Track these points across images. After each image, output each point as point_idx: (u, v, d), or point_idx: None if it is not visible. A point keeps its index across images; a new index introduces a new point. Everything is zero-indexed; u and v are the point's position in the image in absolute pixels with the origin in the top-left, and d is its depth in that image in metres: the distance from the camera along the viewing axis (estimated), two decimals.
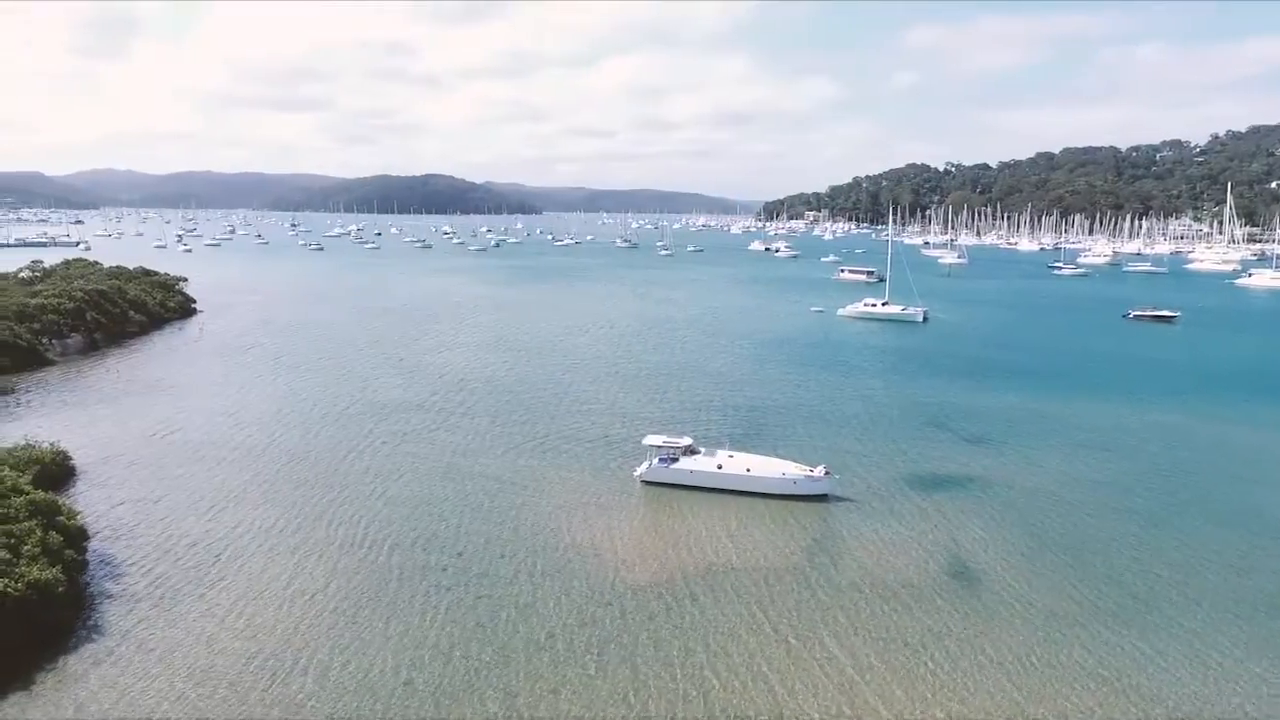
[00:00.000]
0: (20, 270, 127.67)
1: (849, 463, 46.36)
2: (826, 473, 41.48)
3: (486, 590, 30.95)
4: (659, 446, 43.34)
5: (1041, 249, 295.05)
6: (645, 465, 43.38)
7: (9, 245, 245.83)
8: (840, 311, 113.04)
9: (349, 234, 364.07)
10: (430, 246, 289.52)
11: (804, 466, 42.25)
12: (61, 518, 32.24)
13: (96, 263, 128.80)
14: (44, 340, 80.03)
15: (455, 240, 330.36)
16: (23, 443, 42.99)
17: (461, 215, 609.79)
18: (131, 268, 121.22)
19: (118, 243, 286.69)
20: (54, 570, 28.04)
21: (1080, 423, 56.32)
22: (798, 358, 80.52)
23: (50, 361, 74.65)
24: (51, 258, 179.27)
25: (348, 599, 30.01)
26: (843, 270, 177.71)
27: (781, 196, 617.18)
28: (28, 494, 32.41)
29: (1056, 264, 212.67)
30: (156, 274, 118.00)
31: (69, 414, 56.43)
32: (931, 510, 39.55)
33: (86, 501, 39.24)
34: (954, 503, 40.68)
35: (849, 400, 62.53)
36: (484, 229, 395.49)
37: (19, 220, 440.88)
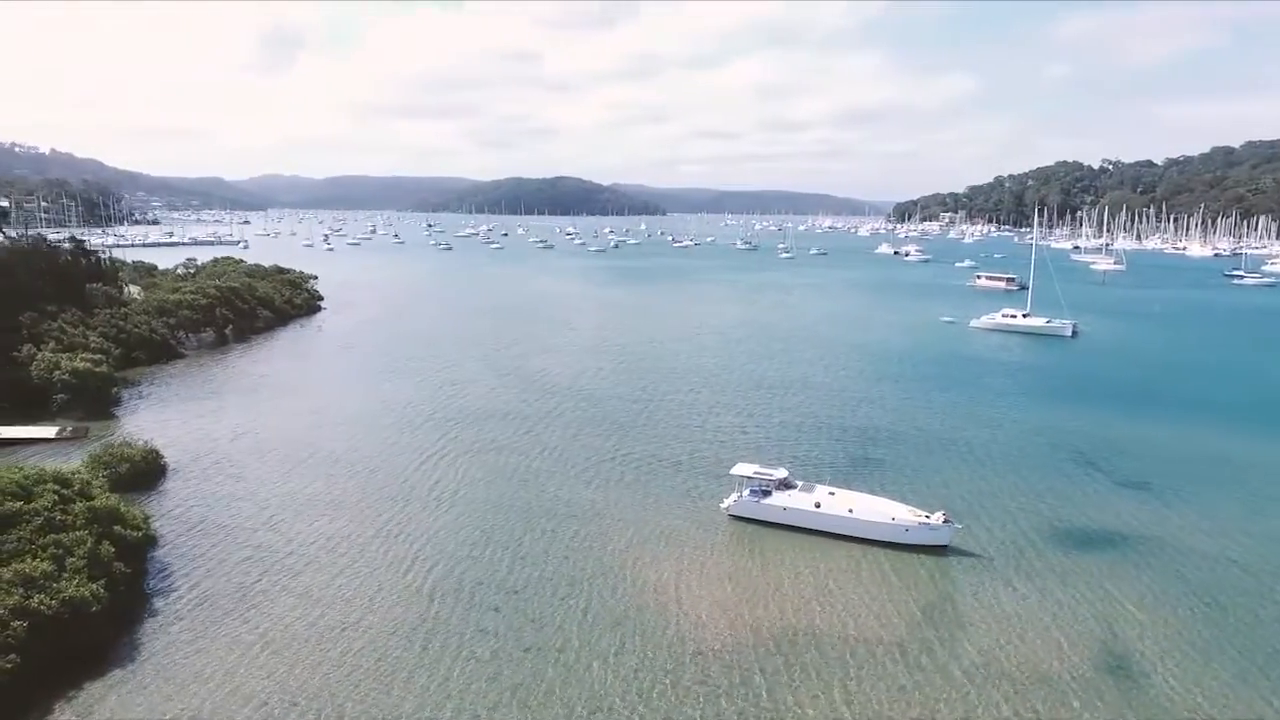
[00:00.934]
0: (177, 267, 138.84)
1: (974, 507, 39.80)
2: (946, 520, 35.38)
3: (534, 639, 27.50)
4: (750, 477, 38.65)
5: (1216, 254, 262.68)
6: (733, 497, 38.81)
7: (183, 243, 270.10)
8: (974, 322, 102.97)
9: (478, 234, 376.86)
10: (551, 247, 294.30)
11: (918, 511, 36.28)
12: (120, 527, 31.51)
13: (241, 261, 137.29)
14: (179, 335, 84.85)
15: (576, 241, 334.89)
16: (119, 440, 43.83)
17: (588, 216, 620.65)
18: (267, 265, 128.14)
19: (273, 241, 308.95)
20: (94, 586, 26.99)
21: (1273, 470, 46.58)
22: (921, 375, 72.85)
23: (181, 355, 78.59)
24: (215, 255, 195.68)
25: (380, 638, 27.37)
26: (979, 276, 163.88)
27: (914, 197, 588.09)
28: (92, 500, 31.98)
29: (1236, 271, 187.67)
30: (289, 272, 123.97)
31: (178, 408, 58.22)
32: (1076, 575, 32.66)
33: (161, 505, 39.15)
34: (1105, 567, 33.53)
35: (978, 428, 55.04)
36: (606, 230, 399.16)
37: (198, 220, 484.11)
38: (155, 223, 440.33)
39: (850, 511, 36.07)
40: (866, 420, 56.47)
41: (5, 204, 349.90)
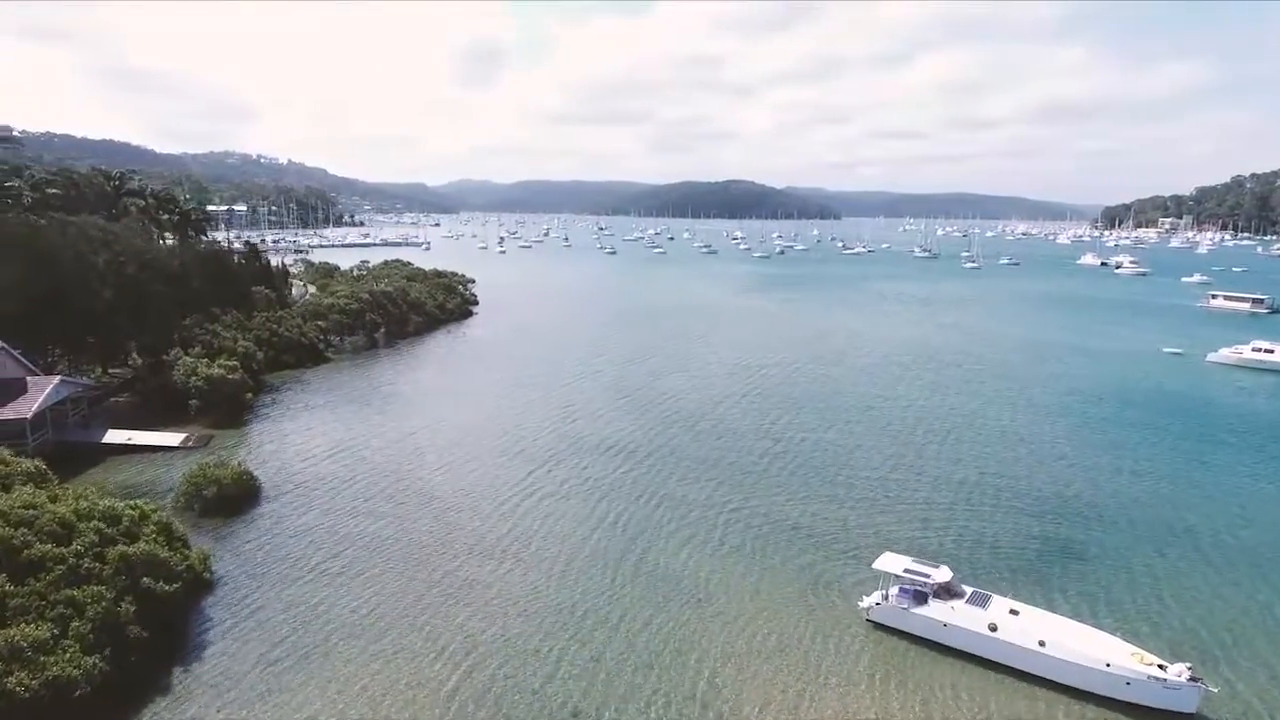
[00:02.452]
0: (353, 268, 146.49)
1: (1231, 645, 28.31)
2: (1192, 678, 24.62)
3: None
4: (900, 575, 29.65)
5: None
6: (876, 598, 30.00)
7: (375, 244, 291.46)
8: (1210, 356, 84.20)
9: (644, 238, 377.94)
10: (715, 252, 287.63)
11: (1147, 655, 25.69)
12: (152, 579, 28.16)
13: (409, 263, 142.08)
14: (329, 338, 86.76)
15: (742, 246, 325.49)
16: (215, 460, 42.12)
17: (758, 220, 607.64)
18: (429, 269, 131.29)
19: (454, 243, 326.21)
20: (92, 660, 23.47)
21: None
22: (1138, 424, 58.51)
23: (326, 359, 79.73)
24: (401, 255, 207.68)
25: None
26: (1215, 296, 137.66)
27: (1127, 200, 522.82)
28: (134, 543, 29.05)
29: None
30: (446, 275, 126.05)
31: (296, 418, 57.30)
32: None
33: (234, 539, 36.45)
34: None
35: (1225, 511, 41.70)
36: (774, 235, 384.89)
37: (396, 223, 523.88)
38: (360, 224, 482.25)
39: (1042, 645, 26.19)
40: (1061, 487, 44.65)
41: (243, 208, 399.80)
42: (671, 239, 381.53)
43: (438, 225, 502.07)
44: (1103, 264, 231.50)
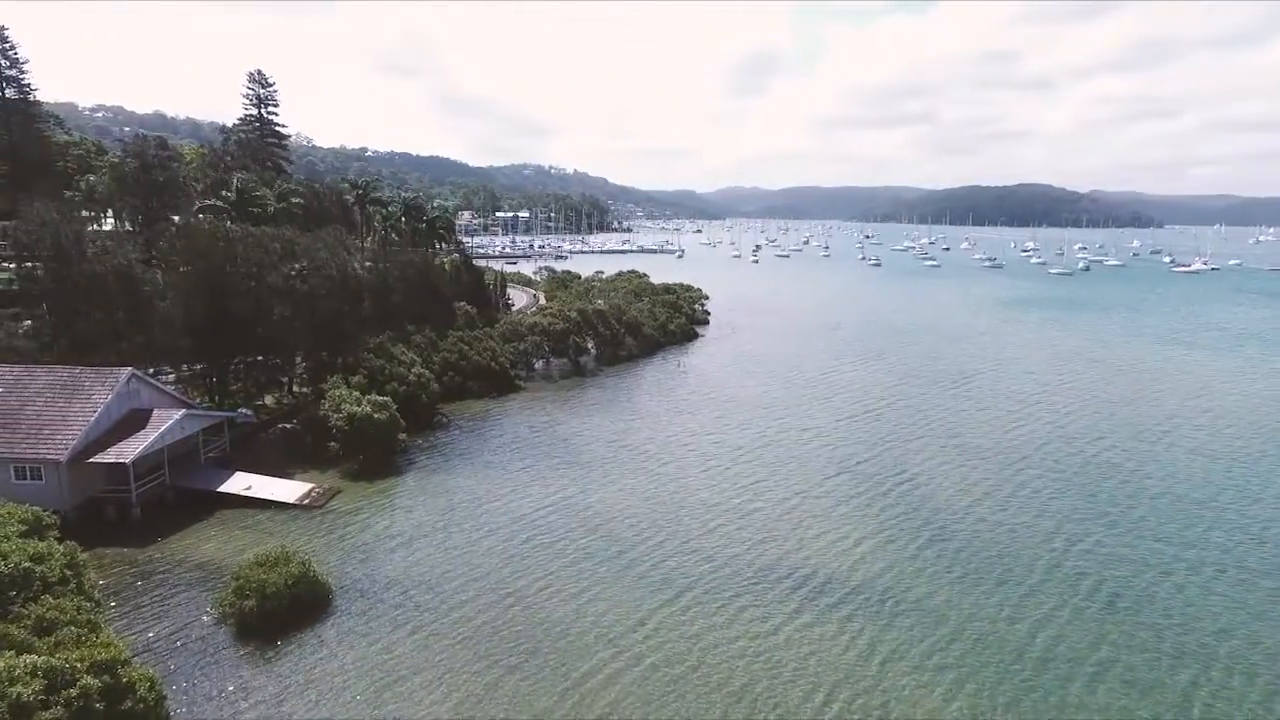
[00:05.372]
0: (588, 277, 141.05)
1: None
2: None
3: None
4: None
5: None
6: None
7: (631, 251, 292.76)
8: None
9: (914, 248, 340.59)
10: (1001, 266, 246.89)
11: None
12: None
13: (643, 275, 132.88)
14: (530, 359, 78.03)
15: (1034, 259, 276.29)
16: (274, 553, 31.99)
17: (1054, 229, 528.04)
18: (657, 283, 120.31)
19: (710, 250, 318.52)
20: None
21: None
22: None
23: (516, 389, 70.55)
24: (653, 263, 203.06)
25: None
26: None
27: None
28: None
29: None
30: (675, 291, 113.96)
31: (435, 476, 47.02)
32: None
33: (262, 683, 25.23)
34: None
35: None
36: (1075, 246, 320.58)
37: (661, 229, 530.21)
38: (627, 230, 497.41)
39: None
40: None
41: (525, 214, 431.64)
42: (947, 249, 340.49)
43: (699, 232, 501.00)
44: None
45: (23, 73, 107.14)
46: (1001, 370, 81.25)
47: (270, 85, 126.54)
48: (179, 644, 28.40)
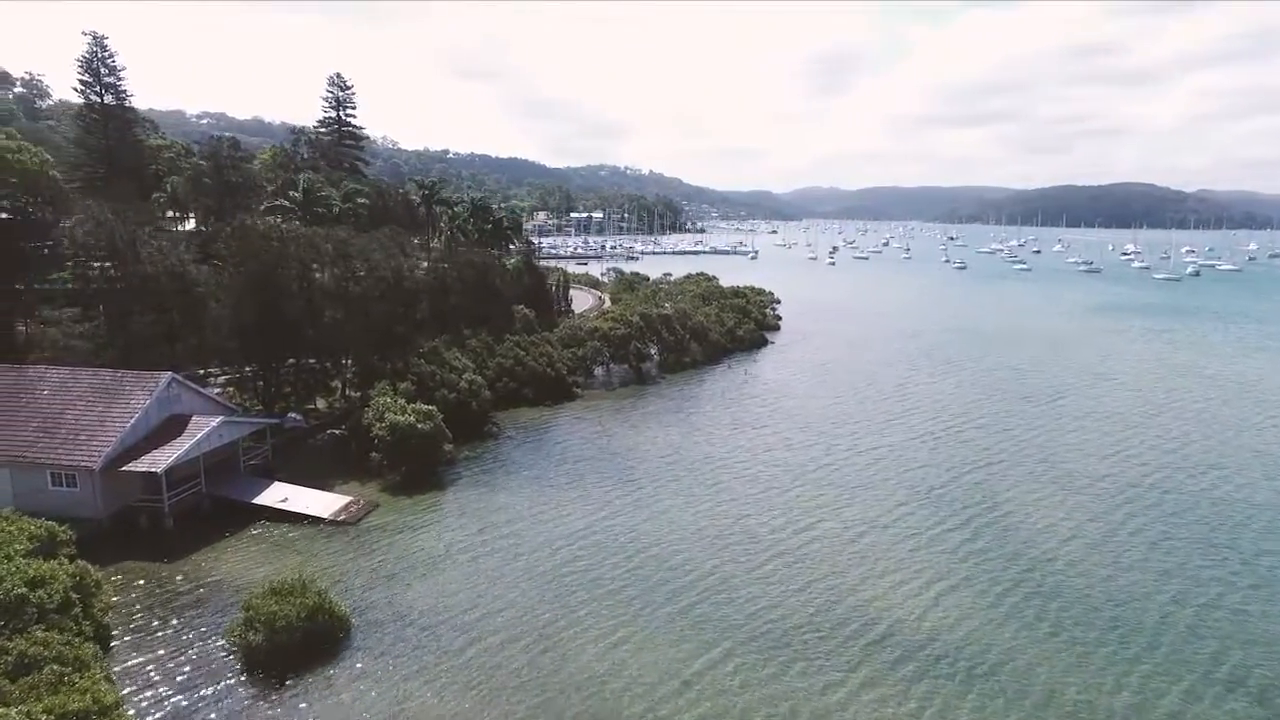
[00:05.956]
0: (655, 280, 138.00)
1: None
2: None
3: None
4: None
5: None
6: None
7: (704, 252, 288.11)
8: None
9: (1003, 250, 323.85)
10: (1098, 271, 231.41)
11: None
12: None
13: (713, 278, 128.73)
14: (589, 365, 75.47)
15: (1136, 263, 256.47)
16: (291, 577, 30.08)
17: (1155, 230, 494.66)
18: (727, 286, 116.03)
19: (785, 252, 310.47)
20: None
21: None
22: None
23: (572, 396, 68.05)
24: (727, 264, 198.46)
25: None
26: None
27: None
28: None
29: None
30: (745, 295, 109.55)
31: (486, 491, 44.77)
32: None
33: None
34: None
35: None
36: (1183, 249, 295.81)
37: (735, 229, 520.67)
38: (701, 230, 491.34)
39: None
40: None
41: (600, 214, 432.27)
42: (1038, 252, 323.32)
43: (774, 232, 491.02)
44: None
45: (120, 80, 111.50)
46: (1101, 386, 74.08)
47: (349, 88, 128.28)
48: (182, 679, 26.67)
